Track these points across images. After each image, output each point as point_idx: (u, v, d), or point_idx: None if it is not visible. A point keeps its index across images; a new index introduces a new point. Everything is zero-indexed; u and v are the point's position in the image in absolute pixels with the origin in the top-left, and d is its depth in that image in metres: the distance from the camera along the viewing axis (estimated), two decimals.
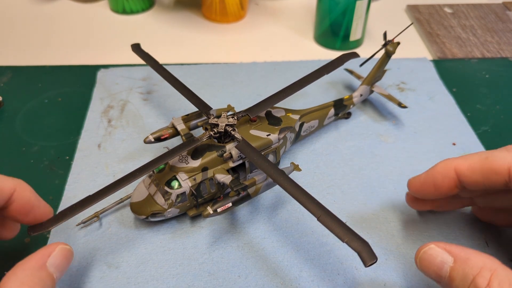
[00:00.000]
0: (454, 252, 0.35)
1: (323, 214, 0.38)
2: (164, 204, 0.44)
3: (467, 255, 0.34)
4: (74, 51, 0.74)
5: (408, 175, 0.53)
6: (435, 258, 0.35)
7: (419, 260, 0.37)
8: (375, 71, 0.58)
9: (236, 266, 0.44)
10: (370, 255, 0.36)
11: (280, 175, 0.41)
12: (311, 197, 0.39)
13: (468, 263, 0.33)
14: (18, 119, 0.61)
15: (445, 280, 0.34)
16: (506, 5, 0.86)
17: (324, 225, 0.37)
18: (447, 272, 0.34)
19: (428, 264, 0.36)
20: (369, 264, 0.36)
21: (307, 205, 0.39)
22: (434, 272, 0.35)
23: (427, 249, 0.36)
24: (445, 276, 0.34)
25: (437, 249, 0.36)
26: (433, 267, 0.35)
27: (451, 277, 0.34)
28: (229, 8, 0.79)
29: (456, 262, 0.34)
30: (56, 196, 0.50)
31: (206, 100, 0.63)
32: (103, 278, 0.43)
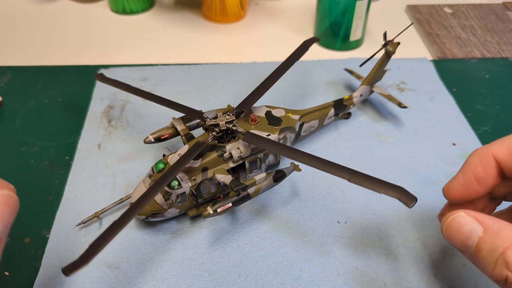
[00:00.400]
0: (484, 222, 0.32)
1: (352, 175, 0.39)
2: (164, 204, 0.44)
3: (499, 226, 0.32)
4: (74, 51, 0.74)
5: (408, 175, 0.53)
6: (463, 227, 0.33)
7: (446, 227, 0.34)
8: (375, 71, 0.58)
9: (236, 266, 0.44)
10: (410, 198, 0.36)
11: (298, 153, 0.41)
12: (335, 164, 0.40)
13: (499, 235, 0.31)
14: (18, 119, 0.61)
15: (471, 251, 0.32)
16: (506, 5, 0.86)
17: (356, 184, 0.38)
18: (474, 242, 0.32)
19: (454, 232, 0.33)
20: (412, 205, 0.36)
21: (334, 172, 0.39)
22: (460, 241, 0.33)
23: (456, 216, 0.34)
24: (471, 246, 0.32)
25: (467, 217, 0.33)
26: (460, 235, 0.33)
27: (478, 248, 0.32)
28: (229, 8, 0.79)
29: (486, 233, 0.32)
30: (56, 196, 0.50)
31: (206, 100, 0.63)
32: (103, 278, 0.43)
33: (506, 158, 0.36)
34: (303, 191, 0.51)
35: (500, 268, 0.30)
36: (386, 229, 0.47)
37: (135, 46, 0.75)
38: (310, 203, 0.50)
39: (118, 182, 0.52)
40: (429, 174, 0.53)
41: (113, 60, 0.71)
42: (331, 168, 0.40)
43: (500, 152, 0.36)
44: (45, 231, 0.47)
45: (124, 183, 0.52)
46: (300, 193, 0.51)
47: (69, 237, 0.46)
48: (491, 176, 0.37)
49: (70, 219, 0.48)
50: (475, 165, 0.37)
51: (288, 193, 0.51)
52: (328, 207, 0.49)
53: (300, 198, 0.50)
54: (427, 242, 0.46)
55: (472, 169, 0.37)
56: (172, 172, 0.41)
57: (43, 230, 0.47)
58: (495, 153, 0.36)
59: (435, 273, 0.43)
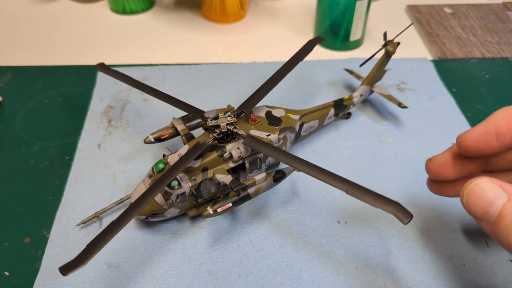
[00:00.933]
0: (510, 191, 0.31)
1: (351, 187, 0.38)
2: (164, 204, 0.44)
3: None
4: (74, 51, 0.74)
5: (408, 175, 0.53)
6: (487, 193, 0.31)
7: (467, 192, 0.32)
8: (375, 71, 0.58)
9: (236, 266, 0.44)
10: (406, 214, 0.36)
11: (297, 161, 0.41)
12: (334, 174, 0.40)
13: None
14: (18, 119, 0.61)
15: (492, 219, 0.31)
16: (506, 5, 0.86)
17: (353, 196, 0.38)
18: (497, 209, 0.31)
19: (476, 198, 0.32)
20: (407, 221, 0.35)
21: (333, 182, 0.39)
22: (482, 208, 0.31)
23: (481, 181, 0.32)
24: (493, 213, 0.31)
25: (491, 183, 0.32)
26: (482, 202, 0.31)
27: (501, 215, 0.30)
28: (229, 8, 0.79)
29: (511, 200, 0.31)
30: (56, 196, 0.50)
31: (206, 100, 0.63)
32: (103, 278, 0.43)
33: None
34: (303, 191, 0.51)
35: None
36: (386, 229, 0.47)
37: (135, 46, 0.75)
38: (310, 203, 0.50)
39: (118, 182, 0.52)
40: None
41: (113, 60, 0.71)
42: (331, 178, 0.39)
43: None
44: (45, 231, 0.47)
45: (124, 183, 0.52)
46: (300, 193, 0.51)
47: (69, 237, 0.46)
48: (511, 135, 0.35)
49: (70, 219, 0.48)
50: (499, 119, 0.36)
51: (288, 193, 0.51)
52: (328, 207, 0.49)
53: (300, 198, 0.50)
54: (427, 242, 0.46)
55: (496, 123, 0.36)
56: (172, 172, 0.41)
57: (43, 230, 0.47)
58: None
59: (435, 273, 0.43)
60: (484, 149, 0.36)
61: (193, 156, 0.43)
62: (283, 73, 0.53)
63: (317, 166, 0.41)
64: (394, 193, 0.51)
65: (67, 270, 0.35)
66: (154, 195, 0.40)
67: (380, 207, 0.37)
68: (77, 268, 0.35)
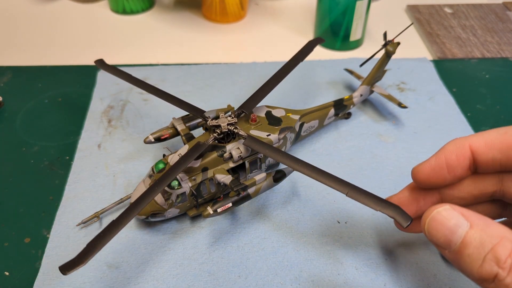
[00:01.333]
0: (471, 218, 0.31)
1: (351, 190, 0.38)
2: (164, 204, 0.44)
3: (486, 222, 0.30)
4: (74, 51, 0.74)
5: (408, 175, 0.52)
6: (449, 221, 0.31)
7: (429, 221, 0.32)
8: (375, 71, 0.58)
9: (236, 266, 0.44)
10: (405, 218, 0.36)
11: (297, 162, 0.41)
12: (334, 176, 0.40)
13: (487, 231, 0.30)
14: (18, 119, 0.61)
15: (455, 247, 0.31)
16: (506, 5, 0.86)
17: (353, 199, 0.38)
18: (460, 237, 0.30)
19: (439, 226, 0.32)
20: (406, 225, 0.36)
21: (333, 185, 0.39)
22: (444, 236, 0.31)
23: (442, 209, 0.32)
24: (456, 242, 0.31)
25: (453, 211, 0.31)
26: (445, 230, 0.31)
27: (464, 244, 0.30)
28: (229, 8, 0.79)
29: (473, 228, 0.30)
30: (56, 196, 0.50)
31: (206, 100, 0.63)
32: (103, 278, 0.43)
33: (482, 150, 0.36)
34: (303, 191, 0.51)
35: (489, 265, 0.29)
36: (386, 229, 0.47)
37: (135, 46, 0.75)
38: (310, 203, 0.50)
39: (118, 182, 0.52)
40: None
41: (113, 60, 0.71)
42: (331, 181, 0.39)
43: (477, 145, 0.36)
44: (45, 231, 0.47)
45: (124, 183, 0.52)
46: (300, 193, 0.51)
47: (69, 237, 0.46)
48: (462, 166, 0.36)
49: (70, 219, 0.48)
50: (449, 152, 0.37)
51: (288, 193, 0.51)
52: (328, 207, 0.49)
53: (300, 198, 0.50)
54: (427, 242, 0.46)
55: (446, 156, 0.37)
56: (172, 172, 0.41)
57: (43, 230, 0.47)
58: (472, 145, 0.36)
59: (435, 273, 0.43)
60: (437, 182, 0.38)
61: (193, 156, 0.43)
62: (284, 73, 0.53)
63: (317, 168, 0.41)
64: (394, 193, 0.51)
65: (67, 270, 0.35)
66: (154, 195, 0.40)
67: (380, 210, 0.37)
68: (77, 267, 0.35)
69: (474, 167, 0.37)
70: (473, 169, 0.37)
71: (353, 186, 0.39)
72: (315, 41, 0.57)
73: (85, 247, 0.36)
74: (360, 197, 0.38)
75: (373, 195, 0.38)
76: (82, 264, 0.35)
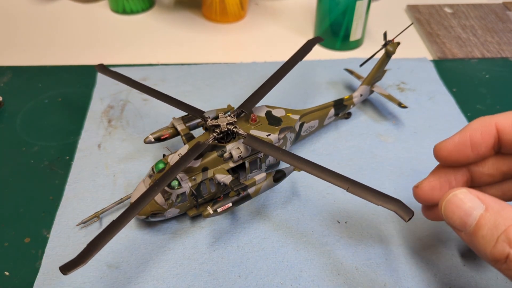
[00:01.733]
0: (486, 201, 0.32)
1: (351, 185, 0.38)
2: (164, 204, 0.44)
3: (501, 206, 0.31)
4: (74, 51, 0.74)
5: (408, 175, 0.53)
6: (465, 204, 0.32)
7: (446, 203, 0.33)
8: (375, 71, 0.58)
9: (236, 266, 0.44)
10: (407, 211, 0.36)
11: (298, 160, 0.41)
12: (334, 172, 0.40)
13: (501, 214, 0.31)
14: (18, 119, 0.61)
15: (469, 229, 0.32)
16: (506, 5, 0.86)
17: (354, 194, 0.38)
18: (475, 219, 0.31)
19: (455, 208, 0.32)
20: (408, 218, 0.36)
21: (333, 181, 0.39)
22: (460, 218, 0.32)
23: (458, 192, 0.33)
24: (471, 224, 0.32)
25: (469, 194, 0.32)
26: (460, 212, 0.32)
27: (478, 225, 0.31)
28: (229, 8, 0.79)
29: (487, 211, 0.31)
30: (56, 196, 0.50)
31: (206, 100, 0.63)
32: (103, 278, 0.43)
33: (508, 130, 0.35)
34: (303, 191, 0.51)
35: (501, 246, 0.30)
36: (386, 229, 0.47)
37: (135, 46, 0.75)
38: (310, 203, 0.50)
39: (118, 182, 0.52)
40: None
41: (113, 60, 0.71)
42: (331, 177, 0.40)
43: (504, 123, 0.35)
44: (45, 231, 0.47)
45: (124, 183, 0.52)
46: (300, 193, 0.51)
47: (69, 237, 0.46)
48: (486, 145, 0.36)
49: (70, 219, 0.48)
50: (474, 129, 0.36)
51: (288, 193, 0.51)
52: (328, 207, 0.49)
53: (300, 198, 0.50)
54: (427, 242, 0.46)
55: (471, 133, 0.36)
56: (172, 172, 0.41)
57: (43, 230, 0.47)
58: (498, 123, 0.36)
59: (435, 273, 0.43)
60: (459, 159, 0.37)
61: (193, 156, 0.43)
62: (283, 73, 0.53)
63: (318, 164, 0.41)
64: (394, 193, 0.50)
65: (67, 269, 0.35)
66: (154, 195, 0.40)
67: (381, 205, 0.37)
68: (78, 267, 0.35)
69: (498, 146, 0.36)
70: (497, 149, 0.37)
71: (353, 181, 0.39)
72: (314, 40, 0.57)
73: (86, 247, 0.36)
74: (361, 192, 0.38)
75: (373, 189, 0.38)
76: (82, 264, 0.35)
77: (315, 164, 0.41)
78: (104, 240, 0.37)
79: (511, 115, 0.36)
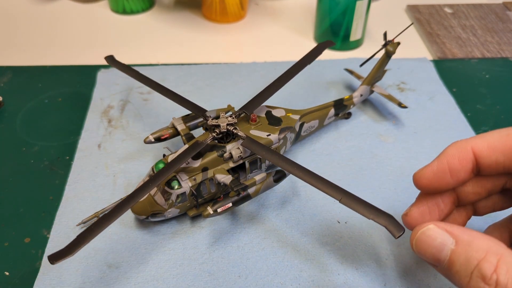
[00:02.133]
0: (455, 234, 0.31)
1: (344, 196, 0.38)
2: (164, 204, 0.44)
3: (471, 237, 0.31)
4: (74, 51, 0.74)
5: (408, 175, 0.53)
6: (434, 240, 0.32)
7: (416, 241, 0.33)
8: (375, 71, 0.58)
9: (236, 266, 0.44)
10: (397, 227, 0.36)
11: (293, 165, 0.41)
12: (328, 182, 0.39)
13: (472, 246, 0.30)
14: (18, 119, 0.61)
15: (444, 265, 0.31)
16: (506, 5, 0.86)
17: (346, 206, 0.38)
18: (447, 255, 0.31)
19: (426, 246, 0.32)
20: (398, 235, 0.35)
21: (326, 190, 0.39)
22: (432, 255, 0.32)
23: (426, 229, 0.32)
24: (444, 259, 0.31)
25: (437, 229, 0.32)
26: (432, 249, 0.32)
27: (451, 261, 0.31)
28: (229, 8, 0.79)
29: (458, 245, 0.31)
30: (56, 196, 0.50)
31: (206, 100, 0.63)
32: (103, 278, 0.43)
33: (485, 153, 0.35)
34: (303, 191, 0.51)
35: (476, 282, 0.29)
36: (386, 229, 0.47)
37: (135, 46, 0.75)
38: (310, 203, 0.50)
39: (118, 182, 0.52)
40: None
41: None
42: (325, 186, 0.39)
43: (480, 147, 0.35)
44: (45, 231, 0.47)
45: (124, 183, 0.52)
46: (300, 193, 0.51)
47: (69, 237, 0.46)
48: (465, 170, 0.36)
49: (70, 219, 0.48)
50: (451, 156, 0.36)
51: (288, 193, 0.51)
52: (328, 207, 0.49)
53: (300, 198, 0.50)
54: None
55: (448, 160, 0.36)
56: (168, 169, 0.41)
57: (43, 230, 0.47)
58: (474, 148, 0.35)
59: (435, 273, 0.43)
60: (440, 186, 0.37)
61: (190, 154, 0.43)
62: (289, 75, 0.52)
63: (313, 172, 0.40)
64: (394, 193, 0.51)
65: (55, 259, 0.36)
66: (148, 191, 0.40)
67: (372, 219, 0.37)
68: (66, 257, 0.36)
69: (477, 169, 0.36)
70: (476, 172, 0.37)
71: (346, 192, 0.39)
72: (324, 44, 0.57)
73: (75, 238, 0.37)
74: (353, 204, 0.38)
75: (366, 202, 0.38)
76: (70, 255, 0.36)
77: (310, 172, 0.40)
78: (94, 233, 0.37)
79: (486, 138, 0.35)
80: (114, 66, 0.55)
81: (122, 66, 0.54)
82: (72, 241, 0.36)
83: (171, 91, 0.51)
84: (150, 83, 0.52)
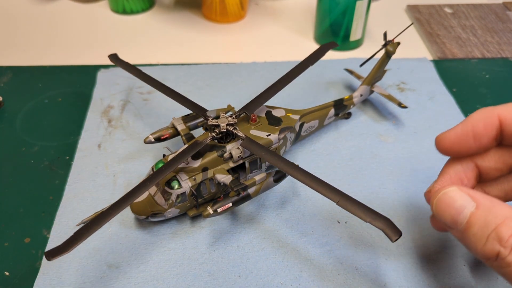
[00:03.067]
0: (477, 198, 0.32)
1: (342, 198, 0.38)
2: (164, 204, 0.44)
3: (492, 203, 0.31)
4: (74, 51, 0.74)
5: (408, 175, 0.53)
6: (456, 201, 0.32)
7: (437, 201, 0.33)
8: (375, 71, 0.58)
9: (236, 266, 0.44)
10: (394, 231, 0.36)
11: (291, 167, 0.41)
12: (326, 184, 0.39)
13: (491, 211, 0.31)
14: (18, 119, 0.61)
15: (461, 227, 0.32)
16: (506, 5, 0.86)
17: (344, 208, 0.38)
18: (465, 217, 0.31)
19: (445, 206, 0.33)
20: (395, 239, 0.35)
21: (324, 192, 0.39)
22: (451, 216, 0.32)
23: (449, 190, 0.33)
24: (462, 222, 0.32)
25: (459, 192, 0.32)
26: (451, 210, 0.32)
27: (469, 223, 0.31)
28: (229, 8, 0.79)
29: (478, 209, 0.31)
30: (56, 196, 0.50)
31: (206, 100, 0.63)
32: (103, 278, 0.43)
33: (510, 120, 0.35)
34: (303, 191, 0.51)
35: (492, 244, 0.30)
36: None
37: (135, 46, 0.75)
38: (310, 203, 0.50)
39: (118, 182, 0.52)
40: (429, 174, 0.53)
41: None
42: (322, 188, 0.39)
43: (506, 114, 0.35)
44: (45, 231, 0.47)
45: (124, 183, 0.52)
46: (300, 193, 0.51)
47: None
48: (488, 136, 0.36)
49: (70, 219, 0.48)
50: (477, 120, 0.36)
51: (288, 193, 0.51)
52: (328, 207, 0.49)
53: (300, 198, 0.50)
54: (427, 242, 0.46)
55: (473, 123, 0.36)
56: (166, 169, 0.41)
57: (43, 230, 0.47)
58: (501, 114, 0.35)
59: (435, 273, 0.43)
60: (461, 150, 0.37)
61: (190, 153, 0.43)
62: (292, 76, 0.52)
63: (311, 174, 0.40)
64: (394, 193, 0.51)
65: (52, 256, 0.36)
66: (146, 189, 0.40)
67: (370, 222, 0.37)
68: (62, 254, 0.36)
69: (500, 137, 0.36)
70: (499, 140, 0.37)
71: (344, 194, 0.39)
72: (328, 46, 0.56)
73: (72, 235, 0.37)
74: (351, 207, 0.38)
75: (363, 205, 0.38)
76: (66, 251, 0.36)
77: (308, 173, 0.40)
78: (91, 230, 0.37)
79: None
80: (117, 65, 0.55)
81: (126, 65, 0.55)
82: (69, 238, 0.37)
83: (173, 90, 0.51)
84: (153, 82, 0.52)
